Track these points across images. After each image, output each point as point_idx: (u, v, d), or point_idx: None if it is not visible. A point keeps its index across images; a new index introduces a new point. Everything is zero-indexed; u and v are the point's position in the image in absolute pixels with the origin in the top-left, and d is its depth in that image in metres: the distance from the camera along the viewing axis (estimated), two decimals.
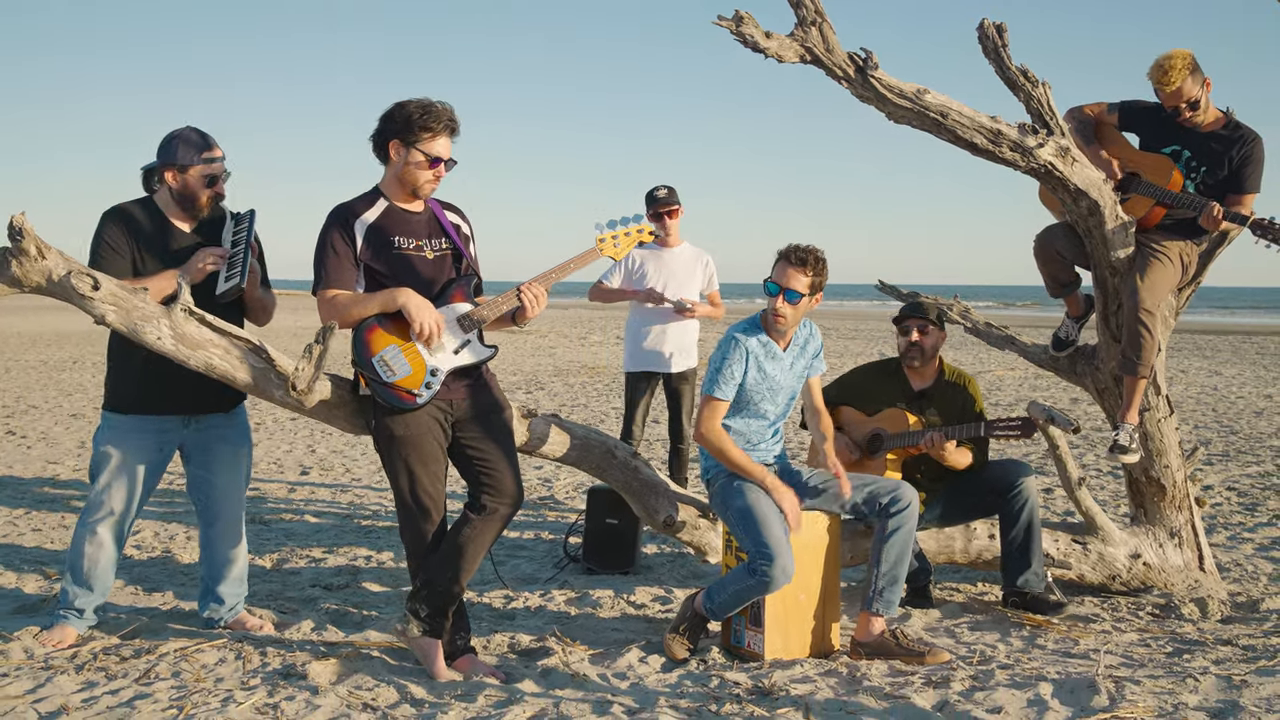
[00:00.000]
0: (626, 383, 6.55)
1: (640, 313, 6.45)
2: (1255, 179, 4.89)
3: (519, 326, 4.17)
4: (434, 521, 3.98)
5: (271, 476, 8.47)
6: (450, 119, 3.96)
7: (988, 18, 4.85)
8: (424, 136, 3.91)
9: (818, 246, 4.34)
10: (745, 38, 4.47)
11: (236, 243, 4.26)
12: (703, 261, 6.54)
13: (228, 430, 4.43)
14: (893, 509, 4.28)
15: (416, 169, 3.95)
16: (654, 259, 6.43)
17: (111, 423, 4.29)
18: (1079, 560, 5.19)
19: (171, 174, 4.22)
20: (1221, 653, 4.20)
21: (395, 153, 3.95)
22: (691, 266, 6.49)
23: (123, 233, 4.19)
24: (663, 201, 6.36)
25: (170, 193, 4.26)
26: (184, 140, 4.23)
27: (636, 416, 6.36)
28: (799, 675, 3.93)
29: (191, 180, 4.23)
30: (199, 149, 4.23)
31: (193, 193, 4.24)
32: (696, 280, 6.51)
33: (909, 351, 5.09)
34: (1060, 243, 5.16)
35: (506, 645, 4.40)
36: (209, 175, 4.25)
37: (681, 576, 5.60)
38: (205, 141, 4.25)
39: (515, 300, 4.05)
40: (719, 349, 4.37)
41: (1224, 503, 7.54)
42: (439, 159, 3.96)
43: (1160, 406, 5.21)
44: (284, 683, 3.80)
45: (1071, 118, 5.15)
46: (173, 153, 4.21)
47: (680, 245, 6.50)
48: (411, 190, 4.01)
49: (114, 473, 4.24)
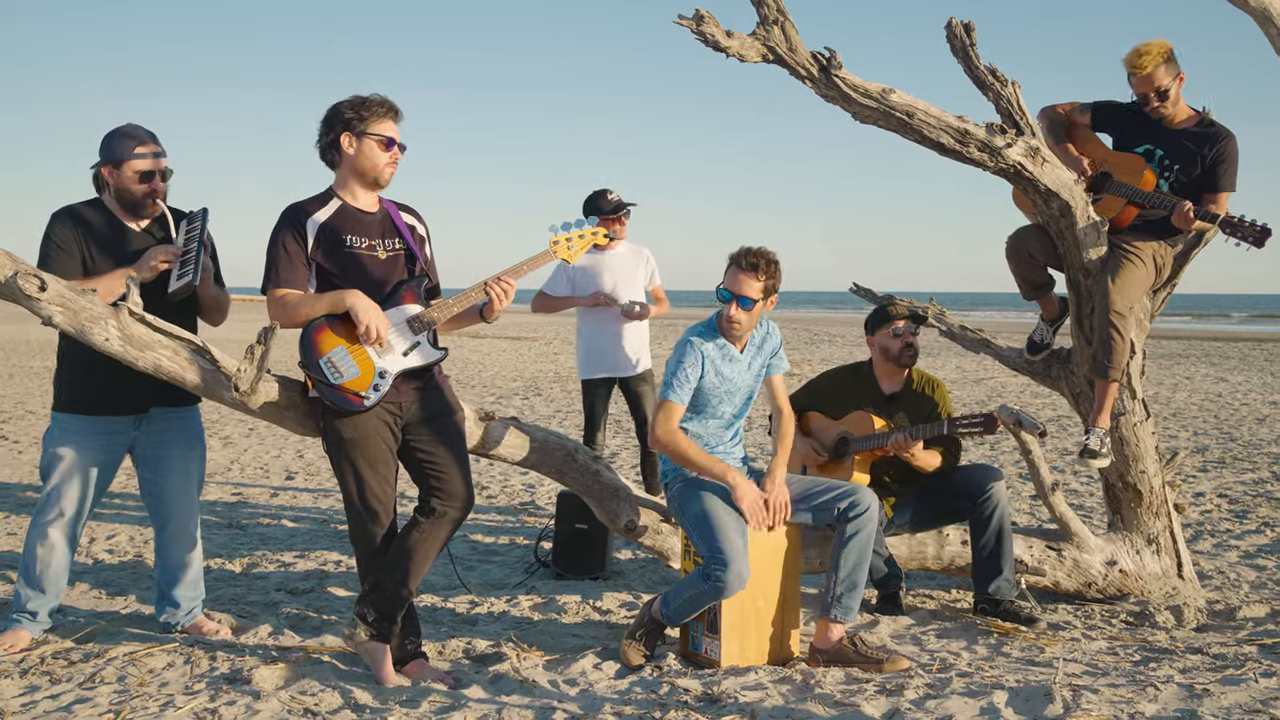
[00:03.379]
0: (584, 390, 6.46)
1: (590, 318, 6.38)
2: (1229, 177, 4.81)
3: (488, 321, 4.13)
4: (383, 525, 3.93)
5: (256, 481, 8.44)
6: (390, 103, 3.98)
7: (955, 17, 4.80)
8: (372, 121, 3.91)
9: (769, 249, 4.28)
10: (706, 37, 4.41)
11: (190, 241, 4.22)
12: (643, 258, 6.49)
13: (179, 434, 4.39)
14: (851, 513, 4.21)
15: (374, 153, 3.92)
16: (594, 262, 6.34)
17: (61, 423, 4.26)
18: (1053, 567, 5.11)
19: (108, 170, 4.20)
20: (1190, 661, 4.12)
21: (349, 145, 3.92)
22: (633, 265, 6.44)
23: (72, 233, 4.16)
24: (617, 206, 6.29)
25: (110, 190, 4.22)
26: (119, 136, 4.19)
27: (599, 423, 6.30)
28: (751, 682, 3.87)
29: (127, 176, 4.19)
30: (133, 144, 4.18)
31: (128, 188, 4.19)
32: (640, 278, 6.45)
33: (904, 352, 5.04)
34: (1032, 244, 5.08)
35: (462, 651, 4.34)
36: (144, 171, 4.20)
37: (652, 582, 5.53)
38: (139, 136, 4.21)
39: (472, 298, 4.01)
40: (675, 352, 4.32)
41: (1214, 510, 7.44)
42: (392, 140, 3.94)
43: (1136, 410, 5.12)
44: (228, 687, 3.76)
45: (1044, 117, 5.10)
46: (107, 149, 4.18)
47: (619, 247, 6.44)
48: (374, 180, 3.97)
49: (64, 474, 4.21)
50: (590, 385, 6.38)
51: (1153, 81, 4.77)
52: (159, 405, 4.31)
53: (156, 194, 4.26)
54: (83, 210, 4.24)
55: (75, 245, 4.15)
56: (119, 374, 4.03)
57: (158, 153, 4.24)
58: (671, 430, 4.27)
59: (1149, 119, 4.93)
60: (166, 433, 4.36)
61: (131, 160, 4.18)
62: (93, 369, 4.12)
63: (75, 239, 4.15)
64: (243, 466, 9.06)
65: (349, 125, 3.90)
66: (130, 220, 4.27)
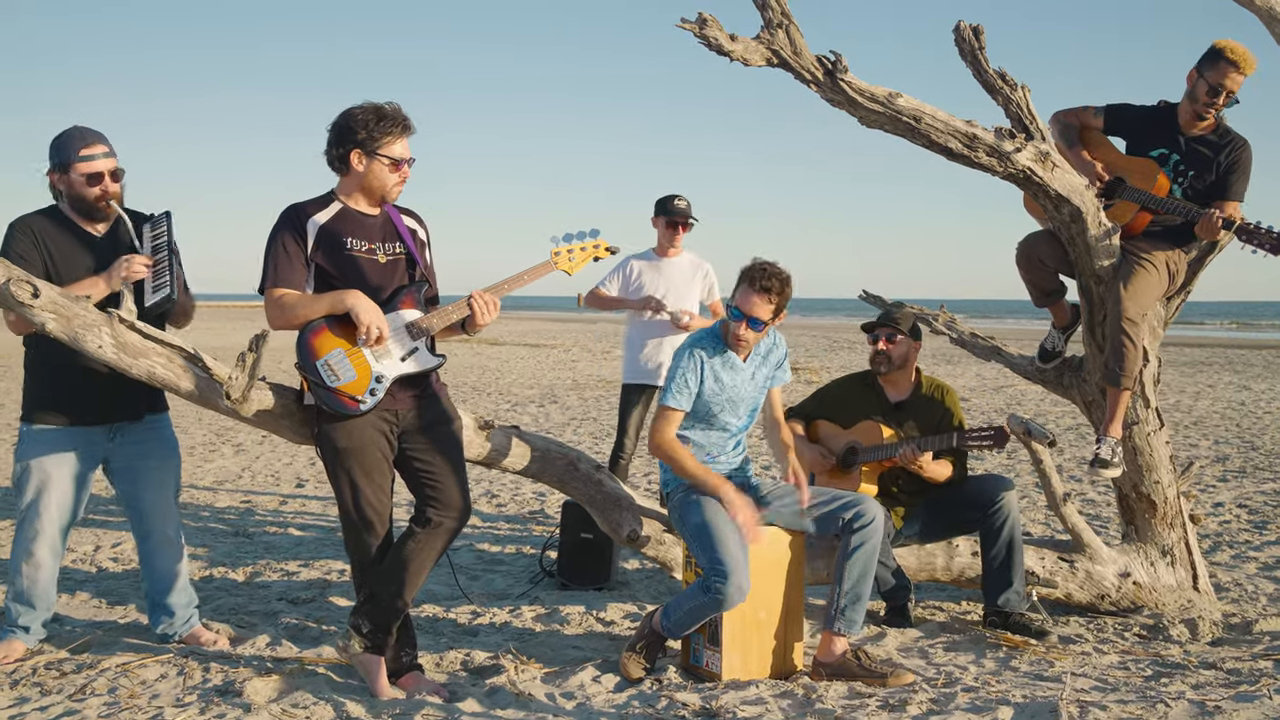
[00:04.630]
0: (621, 395, 6.42)
1: (638, 325, 6.32)
2: (1241, 186, 4.72)
3: (469, 335, 4.07)
4: (378, 534, 3.88)
5: (266, 489, 8.41)
6: (404, 120, 3.90)
7: (964, 20, 4.73)
8: (384, 142, 3.85)
9: (781, 267, 4.20)
10: (709, 41, 4.36)
11: (158, 249, 4.17)
12: (702, 271, 6.41)
13: (155, 444, 4.34)
14: (856, 524, 4.13)
15: (384, 175, 3.88)
16: (652, 269, 6.31)
17: (32, 436, 4.17)
18: (1066, 579, 5.01)
19: (55, 176, 4.13)
20: (1203, 676, 4.02)
21: (358, 163, 3.87)
22: (690, 277, 6.37)
23: (31, 242, 4.06)
24: (680, 213, 6.25)
25: (64, 196, 4.16)
26: (65, 139, 4.12)
27: (629, 429, 6.23)
28: (752, 696, 3.79)
29: (75, 179, 4.09)
30: (79, 145, 4.09)
31: (78, 192, 4.10)
32: (695, 291, 6.38)
33: (875, 359, 4.98)
34: (1043, 250, 4.99)
35: (460, 663, 4.28)
36: (91, 173, 4.09)
37: (657, 593, 5.46)
38: (85, 138, 4.11)
39: (466, 309, 3.96)
40: (675, 359, 4.26)
41: (1233, 520, 7.31)
42: (402, 160, 3.90)
43: (1150, 420, 5.03)
44: (219, 699, 3.71)
45: (1055, 122, 5.01)
46: (54, 153, 4.11)
47: (679, 255, 6.38)
48: (381, 197, 3.94)
49: (39, 488, 4.14)
50: (628, 391, 6.32)
51: (1236, 86, 4.64)
52: (132, 416, 4.26)
53: (108, 195, 4.14)
54: (39, 219, 4.14)
55: (37, 255, 4.05)
56: (93, 384, 3.99)
57: (106, 153, 4.13)
58: (669, 437, 4.21)
59: (1166, 123, 4.84)
60: (142, 444, 4.30)
61: (77, 163, 4.08)
62: (65, 378, 4.08)
63: (36, 248, 4.06)
64: (254, 474, 9.04)
65: (360, 144, 3.84)
66: (88, 225, 4.18)
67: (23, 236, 4.08)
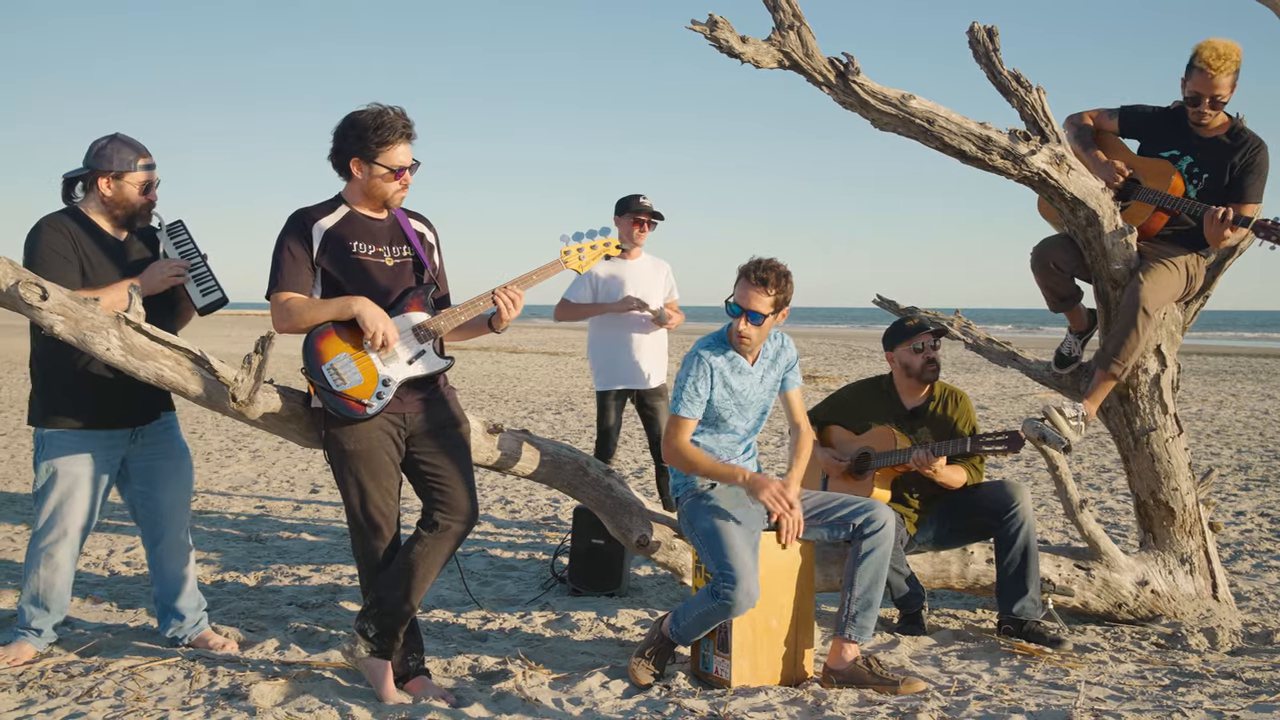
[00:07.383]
0: (599, 404, 6.30)
1: (607, 327, 6.27)
2: (1257, 188, 4.65)
3: (496, 331, 4.05)
4: (385, 538, 3.86)
5: (280, 494, 8.41)
6: (405, 126, 3.87)
7: (978, 21, 4.69)
8: (383, 150, 3.82)
9: (779, 262, 4.17)
10: (720, 43, 4.33)
11: (189, 254, 4.23)
12: (663, 271, 6.42)
13: (170, 445, 4.36)
14: (866, 530, 4.09)
15: (383, 183, 3.86)
16: (618, 270, 6.26)
17: (53, 440, 4.16)
18: (1082, 587, 4.95)
19: (106, 181, 4.14)
20: (1221, 686, 3.95)
21: (358, 170, 3.86)
22: (653, 276, 6.36)
23: (69, 243, 4.09)
24: (647, 210, 6.22)
25: (101, 201, 4.18)
26: (119, 146, 4.16)
27: (614, 437, 6.20)
28: (761, 704, 3.75)
29: (129, 188, 4.16)
30: (135, 155, 4.16)
31: (128, 200, 4.17)
32: (659, 290, 6.37)
33: (927, 369, 4.91)
34: (1058, 255, 4.93)
35: (468, 668, 4.25)
36: (146, 182, 4.19)
37: (669, 600, 5.42)
38: (139, 148, 4.19)
39: (480, 307, 3.93)
40: (684, 366, 4.23)
41: (1255, 529, 7.21)
42: (402, 168, 3.87)
43: (1168, 426, 4.96)
44: (225, 703, 3.70)
45: (1070, 124, 4.96)
46: (107, 159, 4.13)
47: (640, 256, 6.37)
48: (383, 204, 3.93)
49: (65, 493, 4.14)
50: (606, 397, 6.26)
51: (1215, 87, 4.57)
52: (152, 416, 4.29)
53: (153, 205, 4.26)
54: (68, 220, 4.15)
55: (74, 254, 4.09)
56: (120, 386, 3.99)
57: (152, 164, 4.23)
58: (684, 444, 4.18)
59: (1180, 124, 4.78)
60: (159, 444, 4.32)
61: (135, 172, 4.16)
62: (88, 382, 4.09)
63: (73, 249, 4.09)
64: (269, 480, 9.05)
65: (360, 152, 3.83)
66: (116, 230, 4.22)
67: (59, 236, 4.09)
